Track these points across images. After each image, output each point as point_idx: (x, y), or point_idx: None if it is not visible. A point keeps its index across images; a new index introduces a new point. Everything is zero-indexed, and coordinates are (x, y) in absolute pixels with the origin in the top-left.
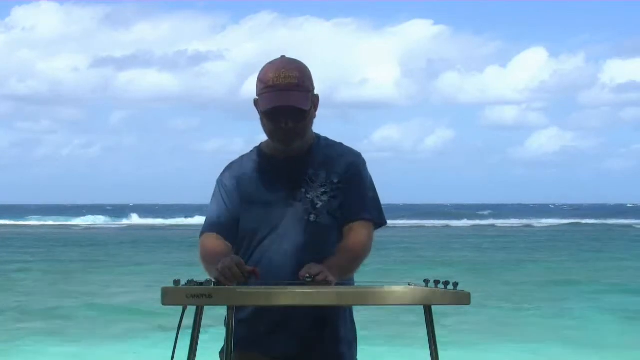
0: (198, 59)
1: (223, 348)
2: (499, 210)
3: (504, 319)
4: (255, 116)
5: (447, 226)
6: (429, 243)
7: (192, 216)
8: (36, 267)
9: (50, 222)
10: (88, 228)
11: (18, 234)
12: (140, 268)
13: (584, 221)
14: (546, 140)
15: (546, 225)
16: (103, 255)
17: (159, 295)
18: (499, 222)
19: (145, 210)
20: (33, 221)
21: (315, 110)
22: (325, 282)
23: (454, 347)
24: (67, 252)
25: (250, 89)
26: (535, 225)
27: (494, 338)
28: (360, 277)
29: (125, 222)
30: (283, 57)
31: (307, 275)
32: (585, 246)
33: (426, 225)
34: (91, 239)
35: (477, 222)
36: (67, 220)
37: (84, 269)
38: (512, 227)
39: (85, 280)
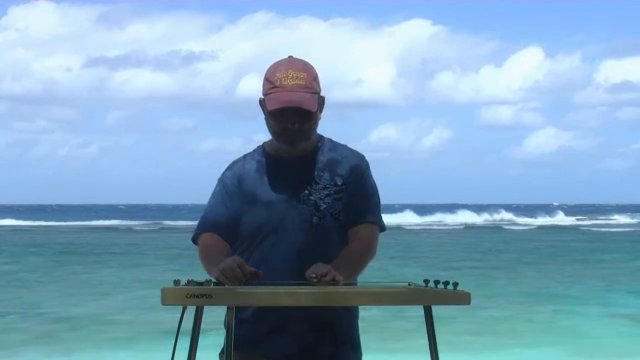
0: (192, 59)
1: (223, 349)
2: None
3: (504, 320)
4: (253, 116)
5: (447, 226)
6: (429, 243)
7: (189, 217)
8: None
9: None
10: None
11: None
12: (139, 269)
13: (584, 222)
14: (543, 140)
15: (546, 225)
16: (102, 256)
17: (158, 295)
18: (499, 223)
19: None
20: None
21: (321, 112)
22: (333, 283)
23: (453, 347)
24: (59, 254)
25: (246, 89)
26: (535, 225)
27: (494, 339)
28: (360, 277)
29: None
30: (291, 57)
31: (314, 275)
32: (585, 247)
33: (426, 225)
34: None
35: (477, 222)
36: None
37: (80, 270)
38: (512, 227)
39: (84, 280)
